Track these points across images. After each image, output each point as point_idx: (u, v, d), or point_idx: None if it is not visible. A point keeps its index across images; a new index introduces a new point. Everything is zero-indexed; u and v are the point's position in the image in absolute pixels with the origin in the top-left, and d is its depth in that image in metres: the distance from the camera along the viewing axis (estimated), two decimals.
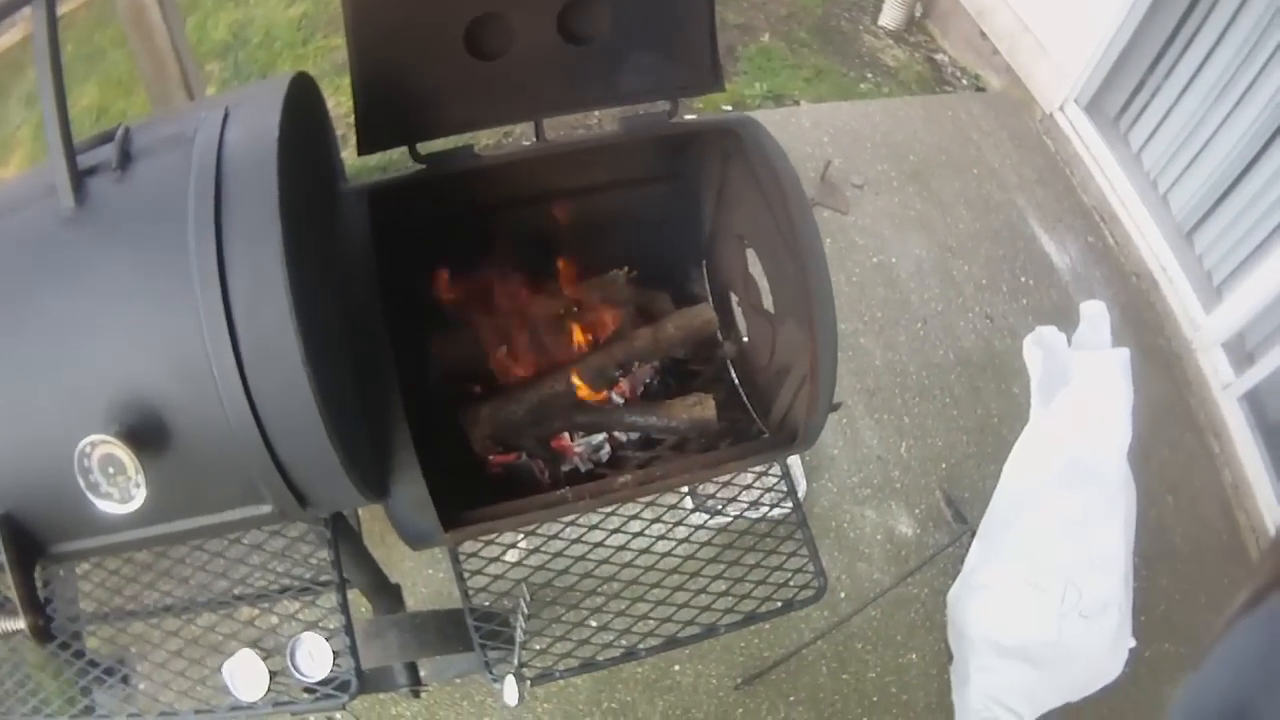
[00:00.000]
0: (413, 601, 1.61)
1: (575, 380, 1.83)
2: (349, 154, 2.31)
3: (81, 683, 1.41)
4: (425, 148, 1.62)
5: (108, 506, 1.00)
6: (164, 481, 1.02)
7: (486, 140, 3.69)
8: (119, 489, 1.00)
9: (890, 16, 4.85)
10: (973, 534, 2.49)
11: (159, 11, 2.96)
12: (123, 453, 0.97)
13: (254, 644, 1.35)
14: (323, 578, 1.40)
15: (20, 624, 1.08)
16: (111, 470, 0.98)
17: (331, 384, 1.07)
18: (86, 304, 1.03)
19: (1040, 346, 2.44)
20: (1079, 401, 2.31)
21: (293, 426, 1.02)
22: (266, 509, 1.12)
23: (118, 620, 1.41)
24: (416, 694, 1.81)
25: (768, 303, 1.80)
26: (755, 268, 1.84)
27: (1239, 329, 3.31)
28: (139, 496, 1.00)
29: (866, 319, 3.38)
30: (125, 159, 1.08)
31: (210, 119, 1.10)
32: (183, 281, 0.99)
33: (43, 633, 1.10)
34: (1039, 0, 4.17)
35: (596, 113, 3.61)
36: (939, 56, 4.76)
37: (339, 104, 4.48)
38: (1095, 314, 2.50)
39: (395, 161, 4.12)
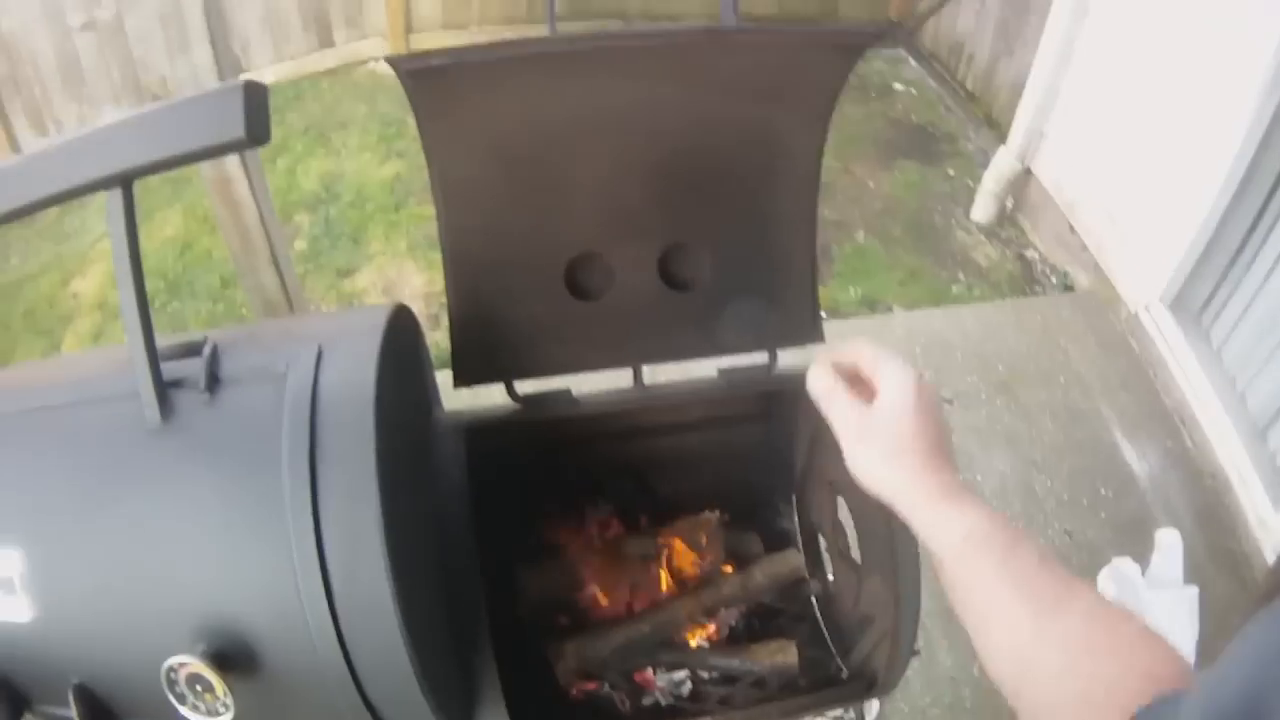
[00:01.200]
0: None
1: (663, 623, 1.87)
2: (439, 335, 2.35)
3: None
4: (522, 384, 1.59)
5: (195, 718, 1.01)
6: (252, 699, 1.01)
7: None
8: (206, 704, 1.00)
9: (982, 210, 5.06)
10: None
11: (247, 186, 3.01)
12: (211, 676, 0.97)
13: None
14: None
15: None
16: (199, 688, 0.98)
17: (424, 627, 1.07)
18: (175, 520, 1.03)
19: (1115, 581, 2.58)
20: None
21: (386, 676, 1.02)
22: None
23: None
24: None
25: (855, 552, 1.83)
26: (844, 514, 1.86)
27: None
28: (226, 715, 1.00)
29: None
30: (214, 382, 1.07)
31: (304, 358, 1.09)
32: (277, 526, 0.99)
33: None
34: (1127, 194, 4.26)
35: None
36: (1029, 253, 4.92)
37: (430, 281, 4.80)
38: (1169, 544, 2.63)
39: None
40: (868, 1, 6.75)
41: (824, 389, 0.99)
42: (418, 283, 4.84)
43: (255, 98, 0.91)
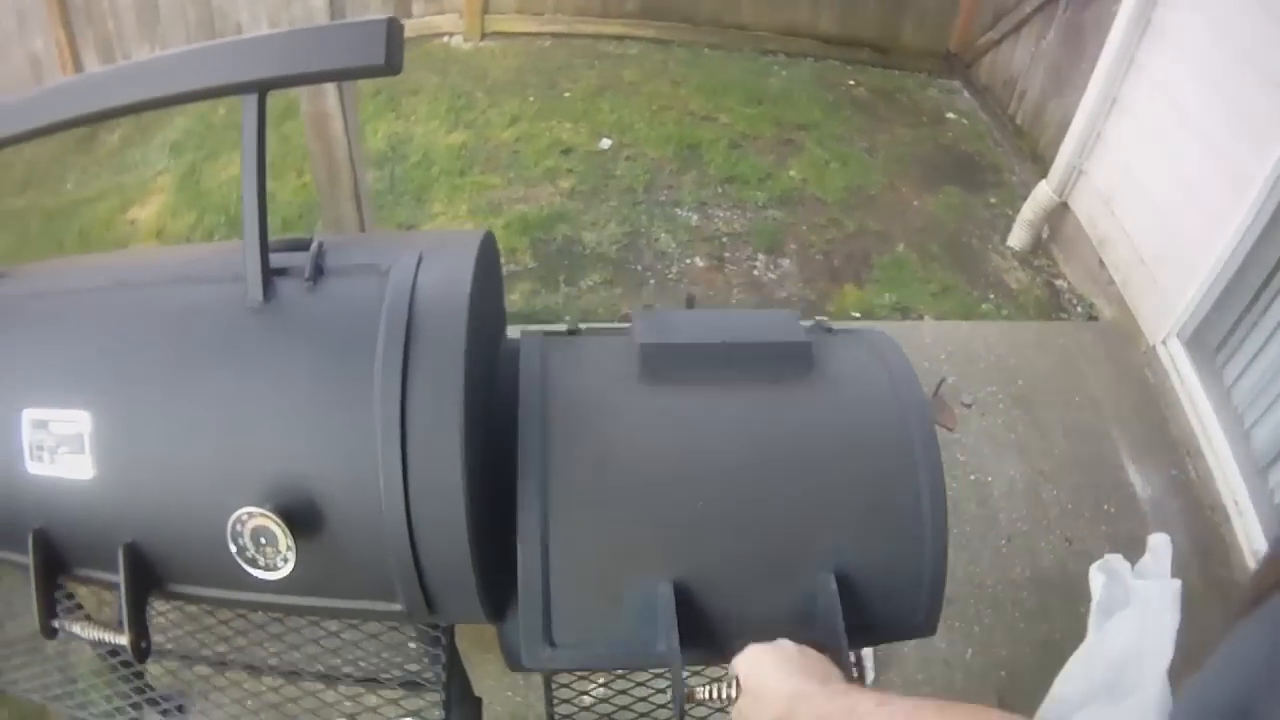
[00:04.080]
0: (488, 718, 1.64)
1: None
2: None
3: (135, 699, 1.45)
4: None
5: (254, 572, 1.05)
6: (307, 560, 1.05)
7: None
8: (265, 558, 1.04)
9: (1018, 238, 5.22)
10: None
11: (342, 125, 3.12)
12: (278, 528, 1.01)
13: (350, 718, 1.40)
14: (426, 675, 1.40)
15: (122, 639, 1.11)
16: (263, 541, 1.03)
17: (480, 514, 1.11)
18: (264, 388, 1.07)
19: (1104, 572, 2.75)
20: (1129, 624, 2.64)
21: (441, 547, 1.07)
22: (397, 607, 1.15)
23: (216, 665, 1.43)
24: None
25: None
26: None
27: None
28: (285, 569, 1.04)
29: (955, 532, 3.61)
30: (318, 272, 1.13)
31: (405, 260, 1.14)
32: (363, 400, 1.04)
33: (142, 654, 1.13)
34: (1155, 234, 4.42)
35: None
36: (1059, 282, 5.08)
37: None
38: (1159, 545, 2.77)
39: (537, 314, 4.54)
40: (929, 31, 6.90)
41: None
42: None
43: (395, 32, 0.99)
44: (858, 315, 4.61)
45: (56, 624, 1.16)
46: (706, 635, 1.17)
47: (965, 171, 5.92)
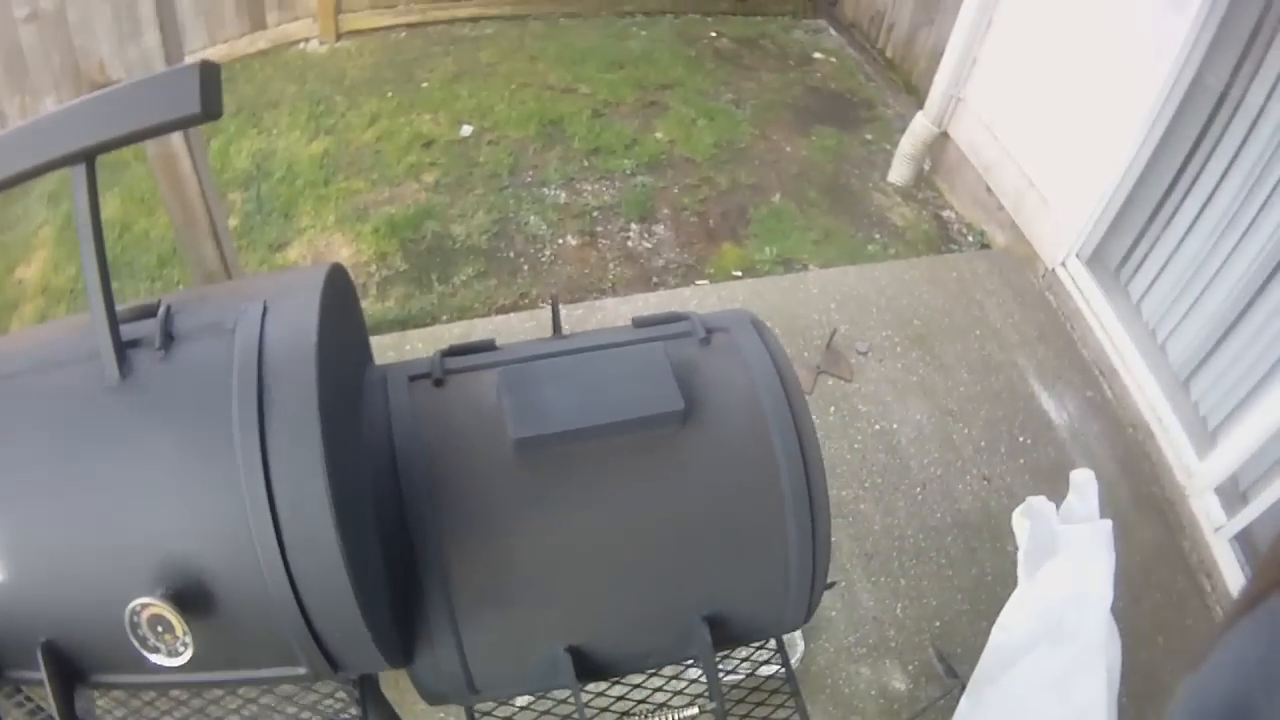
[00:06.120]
0: None
1: None
2: (368, 303, 2.28)
3: None
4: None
5: (157, 659, 1.06)
6: (208, 639, 1.07)
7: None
8: (166, 645, 1.05)
9: (899, 173, 5.13)
10: (963, 688, 2.63)
11: (190, 163, 3.08)
12: (171, 616, 1.02)
13: None
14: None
15: None
16: (160, 629, 1.04)
17: (364, 562, 1.13)
18: (134, 470, 1.06)
19: (1029, 517, 2.58)
20: (1063, 572, 2.45)
21: (329, 605, 1.08)
22: (301, 670, 1.17)
23: None
24: None
25: None
26: None
27: (1233, 472, 3.40)
28: (186, 654, 1.05)
29: (867, 485, 3.55)
30: (168, 339, 1.13)
31: (250, 312, 1.15)
32: (228, 468, 1.05)
33: None
34: (1043, 155, 4.37)
35: None
36: (946, 213, 5.00)
37: (358, 251, 4.90)
38: (1083, 483, 2.63)
39: (413, 317, 4.51)
40: None
41: None
42: (346, 254, 4.96)
43: (209, 76, 0.98)
44: (739, 274, 4.47)
45: None
46: (602, 671, 1.35)
47: (837, 111, 5.83)
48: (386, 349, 4.00)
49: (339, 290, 1.31)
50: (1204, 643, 0.94)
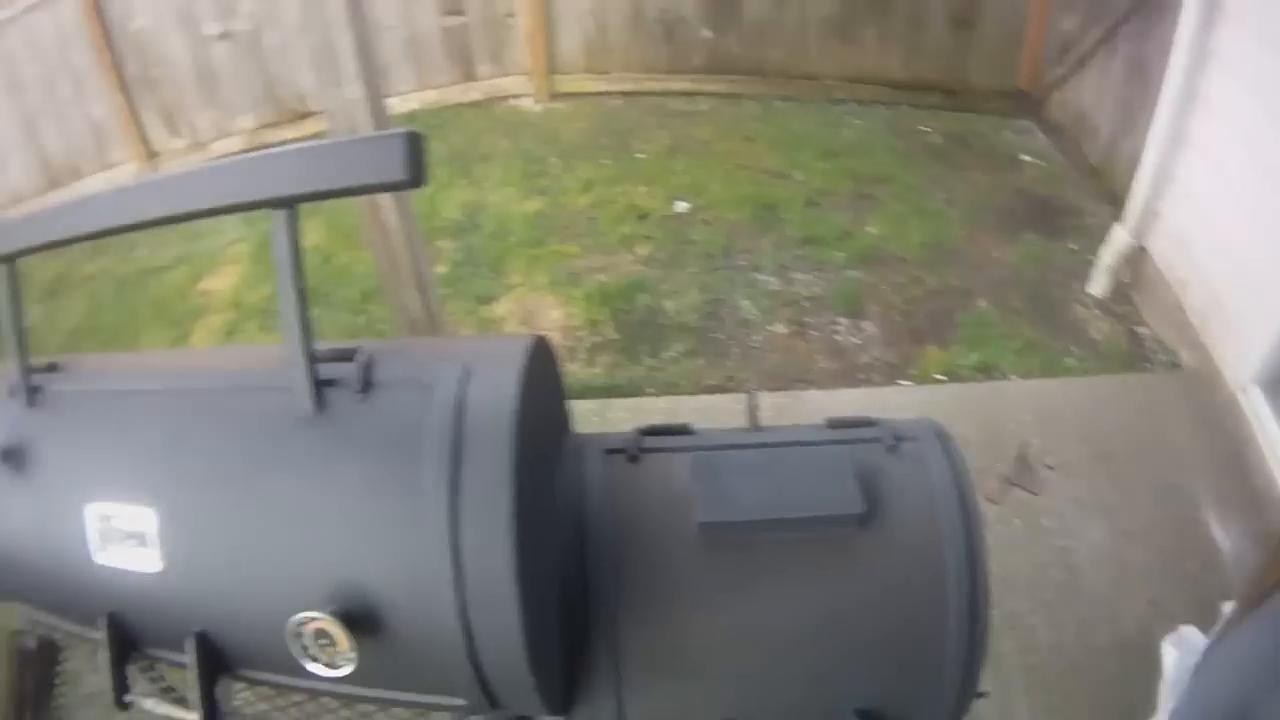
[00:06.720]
0: None
1: None
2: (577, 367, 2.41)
3: None
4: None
5: (315, 669, 1.08)
6: (369, 656, 1.09)
7: None
8: (327, 657, 1.07)
9: (1099, 285, 5.22)
10: None
11: (396, 216, 3.19)
12: (338, 632, 1.04)
13: None
14: None
15: (192, 717, 1.17)
16: (323, 642, 1.06)
17: (538, 612, 1.13)
18: (320, 496, 1.11)
19: (1176, 647, 2.81)
20: None
21: (498, 647, 1.09)
22: (461, 702, 1.18)
23: None
24: None
25: None
26: None
27: None
28: (346, 668, 1.07)
29: (1039, 600, 3.66)
30: (367, 385, 1.15)
31: (449, 374, 1.15)
32: (415, 513, 1.07)
33: None
34: (1231, 276, 4.35)
35: None
36: (1140, 330, 5.06)
37: (569, 315, 5.06)
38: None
39: (620, 386, 4.59)
40: (996, 70, 6.87)
41: None
42: (556, 316, 5.12)
43: (415, 146, 0.99)
44: (942, 378, 4.66)
45: (129, 699, 1.23)
46: None
47: (1043, 217, 5.88)
48: (590, 414, 4.02)
49: (541, 361, 1.31)
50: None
